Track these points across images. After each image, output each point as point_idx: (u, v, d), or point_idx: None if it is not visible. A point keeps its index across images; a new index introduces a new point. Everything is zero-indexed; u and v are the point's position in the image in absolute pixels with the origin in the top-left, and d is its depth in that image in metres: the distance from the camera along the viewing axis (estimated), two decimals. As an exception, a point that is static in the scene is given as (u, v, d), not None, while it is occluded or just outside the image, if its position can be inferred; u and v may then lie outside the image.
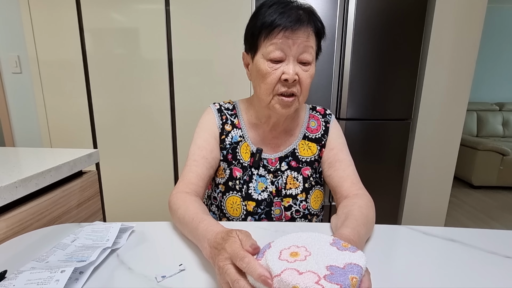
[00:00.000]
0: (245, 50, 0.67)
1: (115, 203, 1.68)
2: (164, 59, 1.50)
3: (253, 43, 0.61)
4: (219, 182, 0.72)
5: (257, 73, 0.62)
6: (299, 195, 0.70)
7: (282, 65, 0.58)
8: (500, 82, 3.70)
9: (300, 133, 0.72)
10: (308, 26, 0.57)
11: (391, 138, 1.55)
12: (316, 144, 0.72)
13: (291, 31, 0.56)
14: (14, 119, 1.69)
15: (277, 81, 0.59)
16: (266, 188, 0.69)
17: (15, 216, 0.60)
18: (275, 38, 0.56)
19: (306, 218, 0.71)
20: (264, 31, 0.58)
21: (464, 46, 1.55)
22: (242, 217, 0.69)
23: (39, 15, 1.47)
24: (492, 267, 0.47)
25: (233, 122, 0.71)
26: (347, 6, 1.41)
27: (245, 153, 0.70)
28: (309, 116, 0.75)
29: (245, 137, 0.71)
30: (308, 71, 0.60)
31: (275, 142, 0.72)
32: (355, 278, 0.32)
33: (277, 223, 0.62)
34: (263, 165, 0.70)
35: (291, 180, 0.70)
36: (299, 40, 0.56)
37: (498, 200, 2.70)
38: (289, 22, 0.55)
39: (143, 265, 0.47)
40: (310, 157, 0.71)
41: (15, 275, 0.40)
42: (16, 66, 1.62)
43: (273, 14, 0.56)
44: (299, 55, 0.58)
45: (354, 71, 1.47)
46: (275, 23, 0.56)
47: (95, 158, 0.86)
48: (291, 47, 0.57)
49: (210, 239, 0.43)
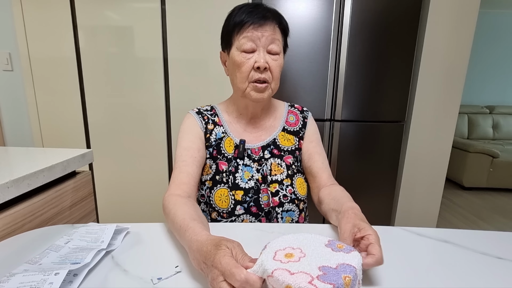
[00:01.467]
0: (222, 49, 0.75)
1: (108, 203, 1.65)
2: (160, 58, 1.49)
3: (228, 40, 0.70)
4: (206, 179, 0.73)
5: (233, 65, 0.69)
6: (285, 180, 0.73)
7: (254, 55, 0.67)
8: (490, 85, 3.78)
9: (279, 125, 0.79)
10: (273, 22, 0.67)
11: (385, 140, 1.57)
12: (295, 137, 0.78)
13: (259, 25, 0.65)
14: (4, 118, 1.65)
15: (251, 69, 0.67)
16: (253, 177, 0.72)
17: (6, 217, 0.59)
18: (246, 32, 0.66)
19: (294, 202, 0.73)
20: (236, 27, 0.67)
21: (456, 50, 1.58)
22: (231, 207, 0.70)
23: (31, 11, 1.44)
24: (484, 268, 0.48)
25: (214, 120, 0.77)
26: (343, 9, 1.42)
27: (228, 146, 0.74)
28: (288, 111, 0.82)
29: (227, 132, 0.76)
30: (277, 60, 0.68)
31: (256, 132, 0.77)
32: (348, 277, 0.32)
33: (274, 225, 0.63)
34: (248, 155, 0.74)
35: (275, 166, 0.74)
36: (266, 33, 0.66)
37: (488, 201, 2.76)
38: (256, 18, 0.65)
39: (139, 267, 0.46)
40: (291, 147, 0.77)
41: (7, 278, 0.39)
42: (7, 63, 1.59)
43: (243, 14, 0.66)
44: (267, 46, 0.67)
45: (349, 73, 1.48)
46: (245, 19, 0.66)
47: (89, 158, 0.85)
48: (260, 39, 0.66)
49: (196, 251, 0.42)
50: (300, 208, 0.75)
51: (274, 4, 1.41)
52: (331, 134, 1.55)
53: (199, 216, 0.55)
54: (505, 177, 2.96)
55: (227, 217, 0.70)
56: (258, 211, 0.70)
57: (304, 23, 1.43)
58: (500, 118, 3.54)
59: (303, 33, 1.43)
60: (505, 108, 3.58)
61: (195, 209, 0.57)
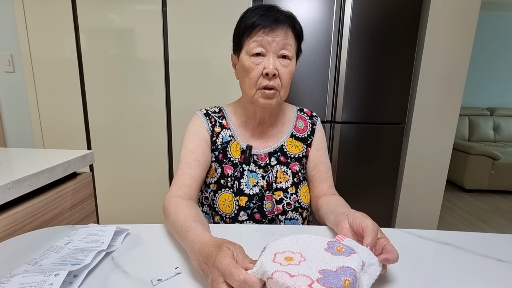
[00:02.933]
0: (233, 51, 0.73)
1: (109, 205, 1.65)
2: (161, 60, 1.50)
3: (238, 43, 0.68)
4: (210, 182, 0.73)
5: (242, 69, 0.67)
6: (289, 188, 0.72)
7: (264, 60, 0.64)
8: (491, 87, 3.78)
9: (288, 131, 0.77)
10: (285, 26, 0.64)
11: (386, 142, 1.57)
12: (303, 143, 0.77)
13: (270, 29, 0.62)
14: (6, 119, 1.66)
15: (259, 75, 0.65)
16: (257, 183, 0.71)
17: (7, 218, 0.59)
18: (256, 36, 0.63)
19: (297, 211, 0.72)
20: (247, 30, 0.64)
21: (457, 52, 1.58)
22: (235, 212, 0.69)
23: (33, 13, 1.45)
24: (485, 270, 0.47)
25: (221, 123, 0.75)
26: (343, 11, 1.43)
27: (235, 151, 0.73)
28: (297, 116, 0.80)
29: (234, 136, 0.74)
30: (288, 67, 0.66)
31: (264, 138, 0.76)
32: (347, 280, 0.32)
33: (272, 226, 0.63)
34: (254, 161, 0.73)
35: (281, 174, 0.73)
36: (277, 38, 0.63)
37: (489, 203, 2.75)
38: (268, 22, 0.62)
39: (139, 268, 0.46)
40: (298, 154, 0.76)
41: (8, 279, 0.39)
42: (9, 65, 1.59)
43: (255, 16, 0.63)
44: (278, 51, 0.64)
45: (349, 75, 1.48)
46: (256, 23, 0.63)
47: (90, 159, 0.85)
48: (271, 44, 0.63)
49: (197, 252, 0.42)
50: (303, 216, 0.74)
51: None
52: (331, 136, 1.55)
53: (200, 218, 0.55)
54: (506, 179, 2.95)
55: (230, 222, 0.70)
56: (262, 218, 0.70)
57: (304, 25, 1.41)
58: (501, 120, 3.54)
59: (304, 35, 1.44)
60: (506, 110, 3.57)
61: (196, 211, 0.57)
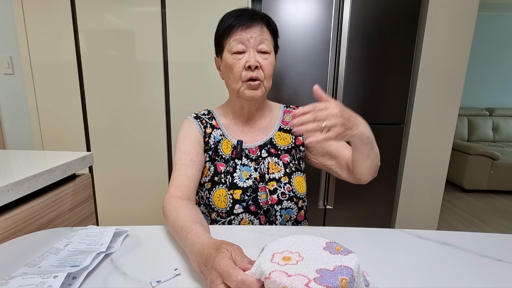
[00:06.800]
0: (216, 54, 0.78)
1: (108, 206, 1.65)
2: (160, 62, 1.50)
3: (219, 44, 0.73)
4: (205, 181, 0.74)
5: (226, 68, 0.72)
6: (282, 178, 0.74)
7: (245, 55, 0.69)
8: (490, 87, 3.78)
9: (276, 126, 0.81)
10: (260, 23, 0.70)
11: (385, 142, 1.57)
12: (291, 135, 0.80)
13: (247, 26, 0.68)
14: (5, 121, 1.66)
15: (242, 69, 0.69)
16: (251, 176, 0.73)
17: (6, 220, 0.59)
18: (235, 35, 0.69)
19: (292, 200, 0.73)
20: (226, 31, 0.70)
21: (455, 52, 1.58)
22: (230, 206, 0.70)
23: (33, 15, 1.45)
24: (485, 270, 0.47)
25: (211, 124, 0.79)
26: (342, 12, 1.43)
27: (226, 148, 0.76)
28: (284, 112, 0.84)
29: (225, 135, 0.78)
30: (268, 59, 0.70)
31: (253, 133, 0.79)
32: (344, 279, 0.32)
33: (272, 227, 0.63)
34: (245, 155, 0.75)
35: (272, 165, 0.75)
36: (254, 34, 0.69)
37: (489, 203, 2.75)
38: (244, 21, 0.68)
39: (138, 269, 0.46)
40: (287, 145, 0.79)
41: (6, 281, 0.39)
42: (8, 67, 1.59)
43: (231, 18, 0.70)
44: (257, 46, 0.69)
45: (348, 75, 1.49)
46: (233, 23, 0.69)
47: (89, 161, 0.85)
48: (249, 40, 0.68)
49: (197, 253, 0.42)
50: (299, 206, 0.75)
51: (273, 7, 1.41)
52: (331, 137, 1.55)
53: (200, 219, 0.55)
54: (505, 179, 2.96)
55: (226, 217, 0.70)
56: (257, 209, 0.71)
57: (303, 26, 1.43)
58: (500, 120, 3.54)
59: (302, 36, 1.44)
60: (505, 110, 3.58)
61: (196, 212, 0.57)
